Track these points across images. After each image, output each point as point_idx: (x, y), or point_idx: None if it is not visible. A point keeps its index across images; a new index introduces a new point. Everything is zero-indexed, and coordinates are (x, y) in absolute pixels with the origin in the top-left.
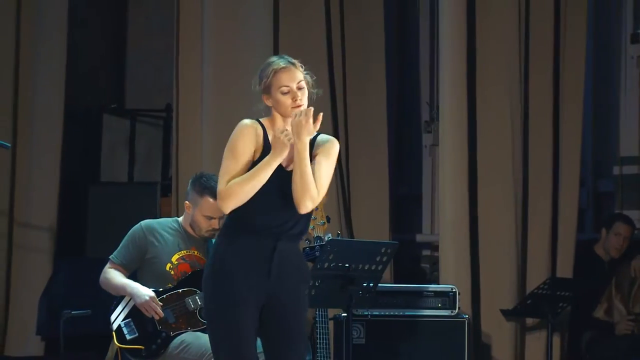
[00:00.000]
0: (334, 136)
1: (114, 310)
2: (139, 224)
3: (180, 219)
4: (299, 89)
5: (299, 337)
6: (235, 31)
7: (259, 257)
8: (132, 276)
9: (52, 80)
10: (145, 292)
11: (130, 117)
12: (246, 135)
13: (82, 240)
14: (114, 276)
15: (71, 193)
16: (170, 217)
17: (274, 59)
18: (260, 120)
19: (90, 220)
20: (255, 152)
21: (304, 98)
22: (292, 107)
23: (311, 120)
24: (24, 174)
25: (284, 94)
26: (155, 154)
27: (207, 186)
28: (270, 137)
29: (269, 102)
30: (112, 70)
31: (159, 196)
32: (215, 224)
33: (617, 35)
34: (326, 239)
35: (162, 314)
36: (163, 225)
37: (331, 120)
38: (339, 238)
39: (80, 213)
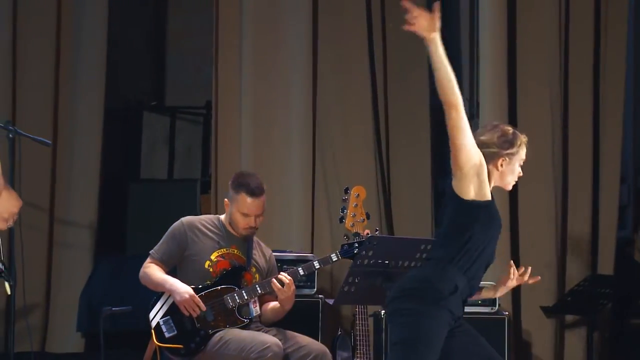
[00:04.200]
0: (375, 133)
1: (152, 308)
2: (179, 220)
3: (222, 216)
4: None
5: None
6: (273, 29)
7: None
8: (172, 272)
9: (92, 78)
10: (184, 290)
11: (170, 114)
12: None
13: (122, 237)
14: (154, 271)
15: (111, 190)
16: (210, 214)
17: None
18: None
19: (130, 217)
20: None
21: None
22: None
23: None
24: (65, 171)
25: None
26: (195, 151)
27: (243, 183)
28: None
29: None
30: (152, 68)
31: (198, 193)
32: (252, 221)
33: None
34: (365, 235)
35: (204, 307)
36: (204, 222)
37: (372, 116)
38: (378, 235)
39: (120, 210)
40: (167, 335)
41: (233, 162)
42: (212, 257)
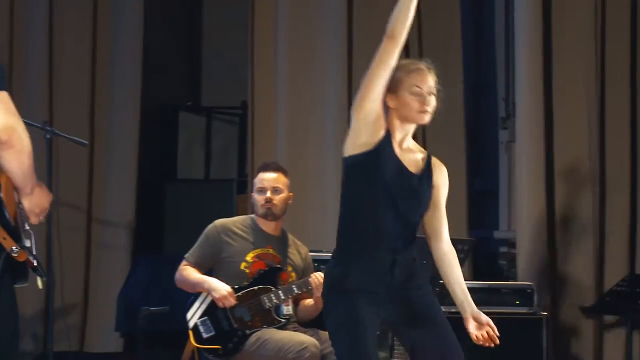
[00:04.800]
0: None
1: (189, 309)
2: (213, 223)
3: (255, 216)
4: (430, 94)
5: None
6: (309, 26)
7: None
8: (208, 275)
9: (128, 78)
10: (223, 287)
11: (206, 114)
12: None
13: (160, 237)
14: (190, 273)
15: (148, 190)
16: (247, 214)
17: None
18: None
19: (167, 217)
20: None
21: (433, 105)
22: (419, 112)
23: None
24: (102, 171)
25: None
26: (231, 151)
27: (260, 166)
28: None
29: (391, 103)
30: (188, 68)
31: (234, 193)
32: (268, 196)
33: None
34: None
35: (235, 301)
36: (237, 223)
37: None
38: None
39: (157, 210)
40: (204, 335)
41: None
42: (248, 258)
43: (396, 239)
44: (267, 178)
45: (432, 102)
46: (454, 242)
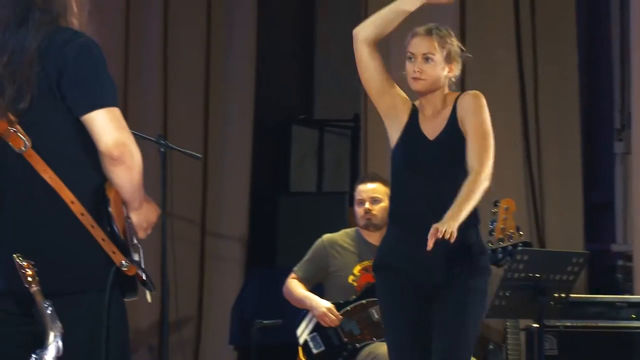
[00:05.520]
0: (525, 149)
1: (299, 325)
2: (320, 238)
3: (359, 228)
4: (426, 59)
5: None
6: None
7: None
8: (318, 289)
9: (241, 92)
10: (323, 304)
11: (318, 127)
12: None
13: (273, 250)
14: (295, 288)
15: (261, 203)
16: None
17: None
18: None
19: (280, 230)
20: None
21: (429, 70)
22: (411, 78)
23: None
24: (215, 184)
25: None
26: (343, 164)
27: (359, 178)
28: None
29: None
30: (301, 81)
31: (347, 206)
32: (366, 207)
33: None
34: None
35: (340, 318)
36: (344, 237)
37: (521, 129)
38: (529, 247)
39: (270, 223)
40: (315, 351)
41: (382, 174)
42: (355, 271)
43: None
44: (365, 189)
45: (427, 67)
46: (568, 255)
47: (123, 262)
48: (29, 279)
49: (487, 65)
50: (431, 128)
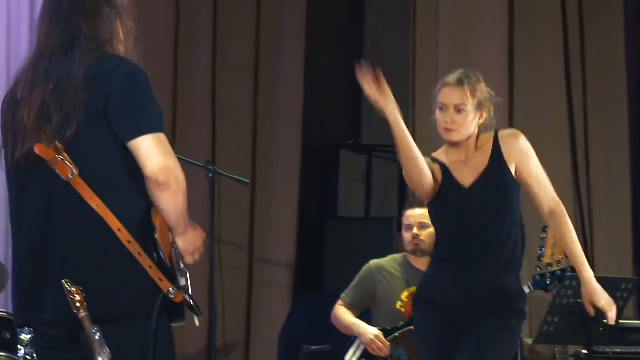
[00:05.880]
0: (573, 173)
1: (347, 351)
2: (367, 264)
3: (406, 254)
4: (458, 110)
5: None
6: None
7: None
8: (366, 315)
9: (289, 117)
10: (370, 331)
11: (366, 152)
12: None
13: (320, 276)
14: (343, 314)
15: (309, 229)
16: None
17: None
18: None
19: (328, 256)
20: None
21: (461, 121)
22: (444, 129)
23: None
24: (263, 209)
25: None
26: (391, 190)
27: (407, 204)
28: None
29: None
30: (349, 106)
31: (395, 231)
32: (414, 233)
33: None
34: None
35: (387, 352)
36: (391, 262)
37: (570, 154)
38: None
39: (318, 248)
40: None
41: None
42: (403, 297)
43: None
44: (413, 214)
45: (459, 118)
46: (618, 280)
47: (170, 289)
48: (78, 304)
49: (536, 100)
50: (467, 174)
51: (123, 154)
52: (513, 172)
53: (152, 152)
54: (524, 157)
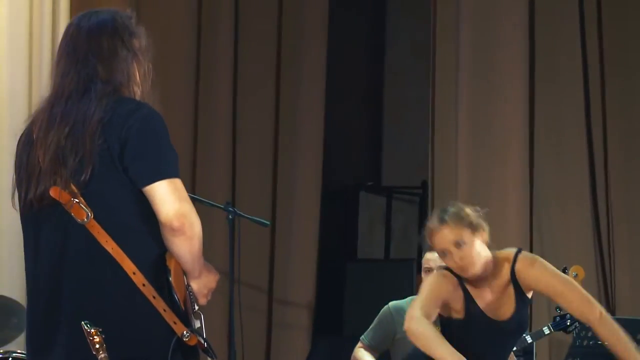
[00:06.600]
0: (593, 216)
1: None
2: (387, 305)
3: None
4: (457, 246)
5: None
6: (490, 106)
7: None
8: (386, 357)
9: (310, 159)
10: None
11: (386, 194)
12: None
13: (340, 317)
14: (362, 356)
15: (329, 270)
16: None
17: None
18: None
19: (348, 298)
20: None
21: (467, 252)
22: (457, 269)
23: None
24: (283, 251)
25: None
26: (411, 231)
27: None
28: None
29: None
30: (369, 148)
31: (415, 273)
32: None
33: None
34: None
35: None
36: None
37: (590, 195)
38: None
39: (337, 290)
40: None
41: None
42: None
43: None
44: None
45: (463, 252)
46: (637, 323)
47: (184, 332)
48: (97, 345)
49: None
50: (491, 304)
51: (138, 198)
52: (530, 295)
53: (166, 198)
54: (542, 283)
